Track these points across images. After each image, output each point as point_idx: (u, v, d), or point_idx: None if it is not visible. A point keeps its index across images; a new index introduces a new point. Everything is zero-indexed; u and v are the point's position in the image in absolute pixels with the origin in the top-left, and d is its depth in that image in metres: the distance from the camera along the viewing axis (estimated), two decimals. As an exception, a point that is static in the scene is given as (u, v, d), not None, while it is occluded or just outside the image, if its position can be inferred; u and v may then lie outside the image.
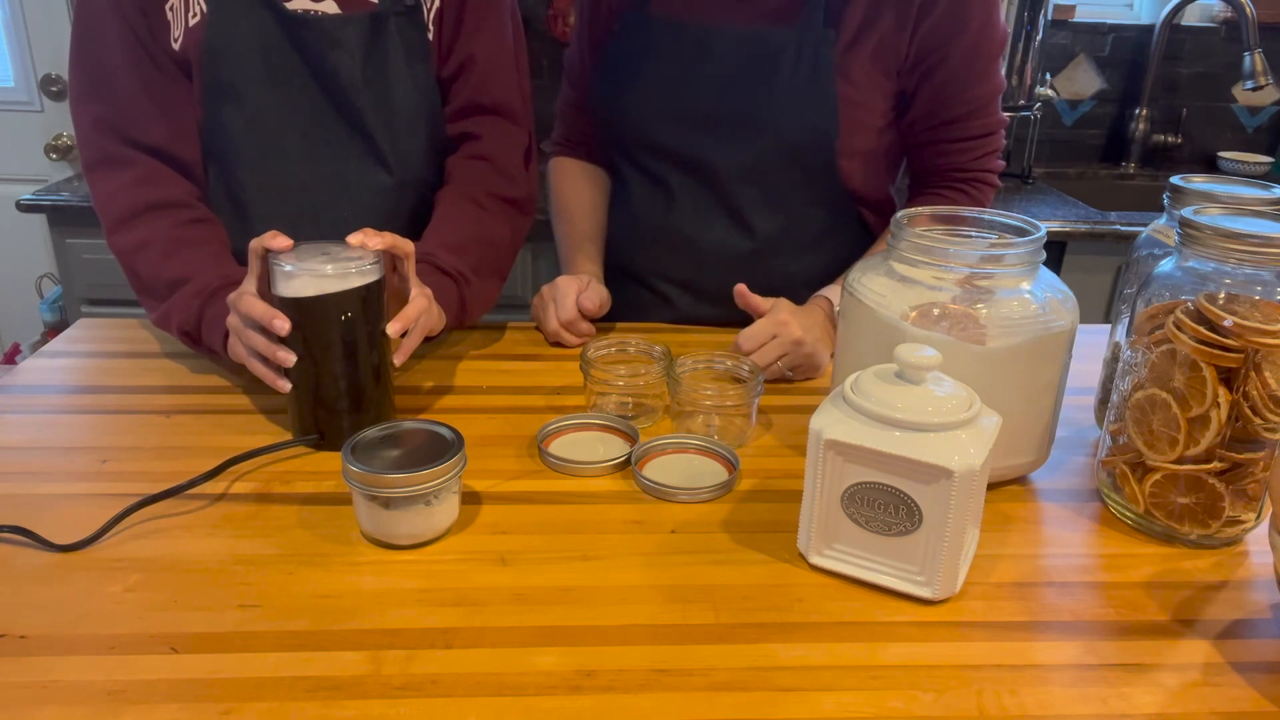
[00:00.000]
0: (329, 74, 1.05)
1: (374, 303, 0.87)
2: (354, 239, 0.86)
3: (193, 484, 0.81)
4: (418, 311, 0.90)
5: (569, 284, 1.13)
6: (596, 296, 1.12)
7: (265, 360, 0.87)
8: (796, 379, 1.06)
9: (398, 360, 0.90)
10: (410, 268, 0.91)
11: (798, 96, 1.09)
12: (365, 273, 0.85)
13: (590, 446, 0.90)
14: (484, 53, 1.13)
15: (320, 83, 1.06)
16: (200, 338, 0.98)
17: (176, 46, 1.02)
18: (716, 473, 0.86)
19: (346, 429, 0.86)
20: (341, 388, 0.87)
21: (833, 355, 1.09)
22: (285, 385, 0.87)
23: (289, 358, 0.84)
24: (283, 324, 0.83)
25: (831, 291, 1.12)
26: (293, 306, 0.84)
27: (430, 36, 1.11)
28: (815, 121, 1.10)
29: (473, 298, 1.07)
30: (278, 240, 0.84)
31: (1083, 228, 1.98)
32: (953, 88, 1.10)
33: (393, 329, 0.88)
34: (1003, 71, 1.14)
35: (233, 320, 0.88)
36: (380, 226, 0.89)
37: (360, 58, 1.06)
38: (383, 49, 1.08)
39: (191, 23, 1.02)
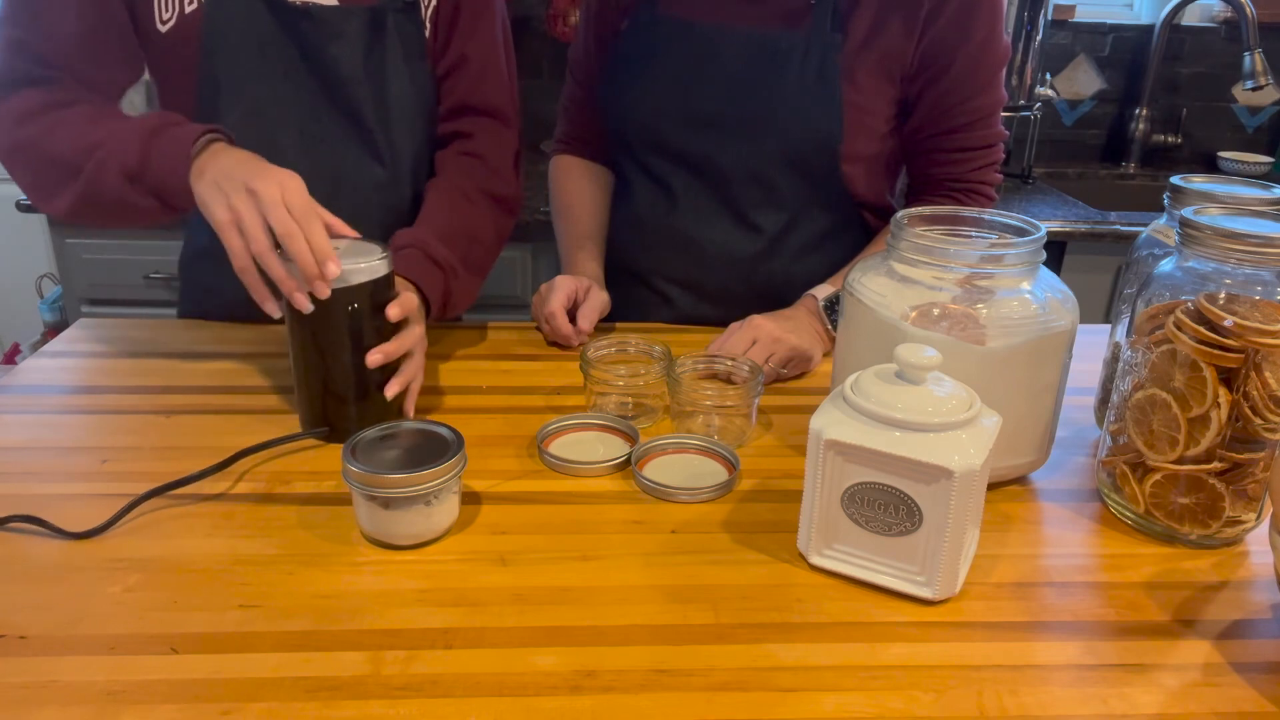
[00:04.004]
0: (329, 66, 1.05)
1: (382, 296, 0.87)
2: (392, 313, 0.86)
3: (204, 474, 0.81)
4: (411, 346, 0.89)
5: (566, 282, 1.13)
6: (594, 312, 1.12)
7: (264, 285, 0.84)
8: (790, 375, 1.05)
9: (393, 394, 0.89)
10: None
11: (804, 99, 1.09)
12: (373, 266, 0.85)
13: (590, 446, 0.90)
14: (477, 53, 1.13)
15: (319, 76, 1.06)
16: (145, 175, 0.89)
17: (163, 29, 1.01)
18: (716, 473, 0.86)
19: (354, 421, 0.87)
20: (351, 380, 0.87)
21: (827, 352, 1.10)
22: (274, 309, 0.84)
23: (305, 304, 0.82)
24: (335, 268, 0.81)
25: (819, 290, 1.12)
26: None
27: (427, 34, 1.11)
28: (820, 125, 1.10)
29: (458, 290, 1.07)
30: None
31: (1083, 228, 1.98)
32: (954, 97, 1.10)
33: (372, 360, 0.86)
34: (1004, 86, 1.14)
35: (275, 219, 0.80)
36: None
37: (361, 51, 1.07)
38: (381, 44, 1.08)
39: (188, 10, 1.01)
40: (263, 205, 0.81)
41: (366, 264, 0.84)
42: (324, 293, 0.81)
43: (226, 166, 0.86)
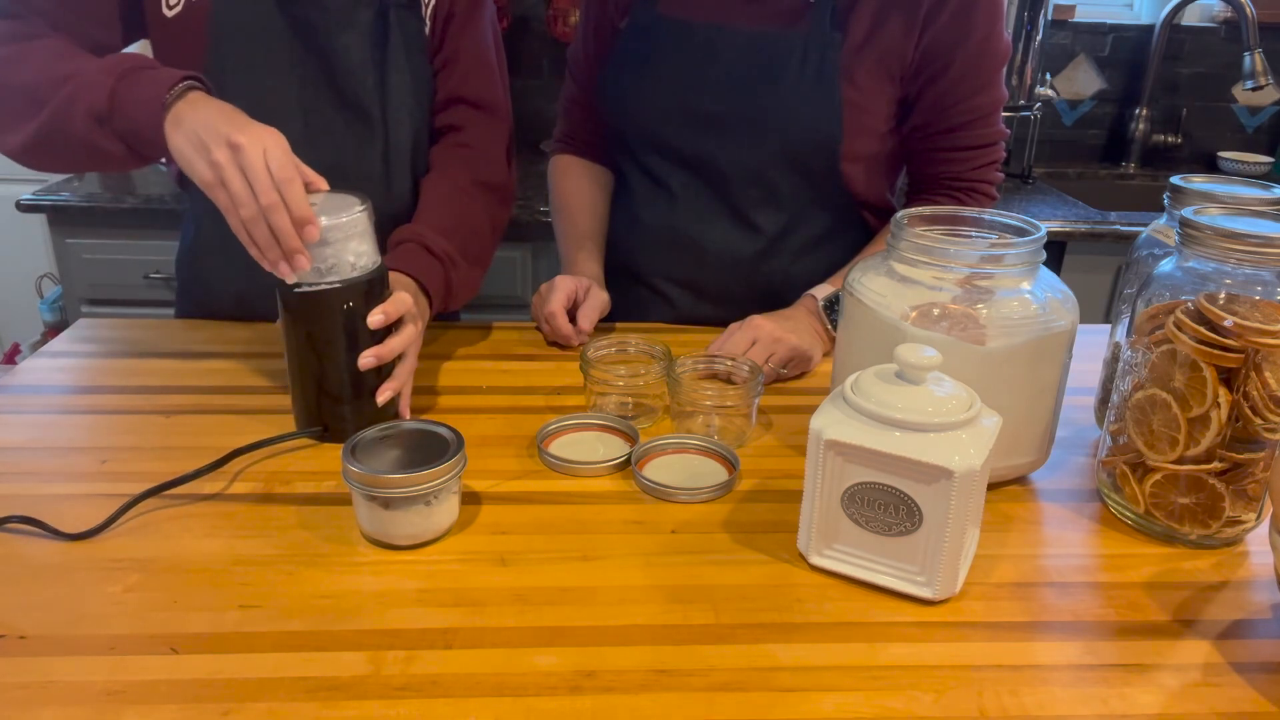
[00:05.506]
0: (337, 56, 1.06)
1: (376, 294, 0.87)
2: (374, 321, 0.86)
3: (199, 474, 0.81)
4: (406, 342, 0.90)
5: (566, 282, 1.13)
6: (594, 312, 1.12)
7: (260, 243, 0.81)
8: (790, 375, 1.06)
9: (384, 397, 0.89)
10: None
11: (804, 99, 1.09)
12: (368, 264, 0.85)
13: (590, 446, 0.90)
14: (468, 48, 1.15)
15: (325, 68, 1.07)
16: (114, 116, 0.86)
17: (169, 13, 1.01)
18: (716, 473, 0.86)
19: (350, 421, 0.87)
20: (345, 379, 0.87)
21: (827, 352, 1.10)
22: (269, 267, 0.82)
23: (304, 263, 0.81)
24: (314, 230, 0.79)
25: (819, 290, 1.12)
26: (296, 298, 0.84)
27: (426, 31, 1.12)
28: (820, 124, 1.10)
29: (459, 281, 1.07)
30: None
31: (1083, 228, 1.98)
32: (954, 96, 1.10)
33: (364, 362, 0.86)
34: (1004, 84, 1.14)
35: (259, 186, 0.78)
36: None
37: (369, 41, 1.08)
38: (386, 37, 1.09)
39: None
40: (245, 165, 0.79)
41: (360, 260, 0.84)
42: (304, 265, 0.81)
43: (206, 117, 0.83)
